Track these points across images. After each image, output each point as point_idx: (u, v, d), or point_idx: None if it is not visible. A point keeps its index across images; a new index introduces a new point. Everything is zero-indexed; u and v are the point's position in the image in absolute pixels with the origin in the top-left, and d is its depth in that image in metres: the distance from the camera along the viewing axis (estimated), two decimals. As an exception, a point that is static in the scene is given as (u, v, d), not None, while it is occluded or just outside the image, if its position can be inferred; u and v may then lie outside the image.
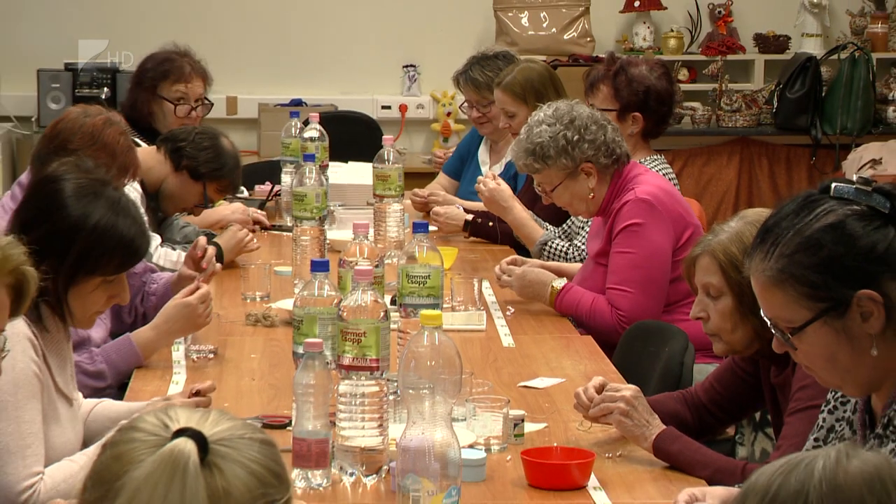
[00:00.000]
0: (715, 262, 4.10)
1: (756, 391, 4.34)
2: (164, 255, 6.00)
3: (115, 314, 5.24)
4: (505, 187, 6.67)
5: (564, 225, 6.70)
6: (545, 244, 6.46)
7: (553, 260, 6.37)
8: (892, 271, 3.13)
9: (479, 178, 6.80)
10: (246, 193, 7.26)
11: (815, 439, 3.50)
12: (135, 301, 5.36)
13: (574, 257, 6.36)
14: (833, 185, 3.20)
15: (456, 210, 7.06)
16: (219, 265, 5.34)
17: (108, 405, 4.34)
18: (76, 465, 3.77)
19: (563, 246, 6.43)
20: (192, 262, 5.33)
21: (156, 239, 5.97)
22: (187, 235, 6.28)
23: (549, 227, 6.69)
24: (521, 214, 6.60)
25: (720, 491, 3.43)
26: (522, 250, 6.60)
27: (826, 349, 3.17)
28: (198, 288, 4.97)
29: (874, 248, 3.13)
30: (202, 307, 4.90)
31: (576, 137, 5.61)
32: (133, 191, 5.44)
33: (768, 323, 3.25)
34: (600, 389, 4.13)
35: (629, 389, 4.13)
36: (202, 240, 5.41)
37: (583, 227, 6.43)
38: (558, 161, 5.62)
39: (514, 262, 5.92)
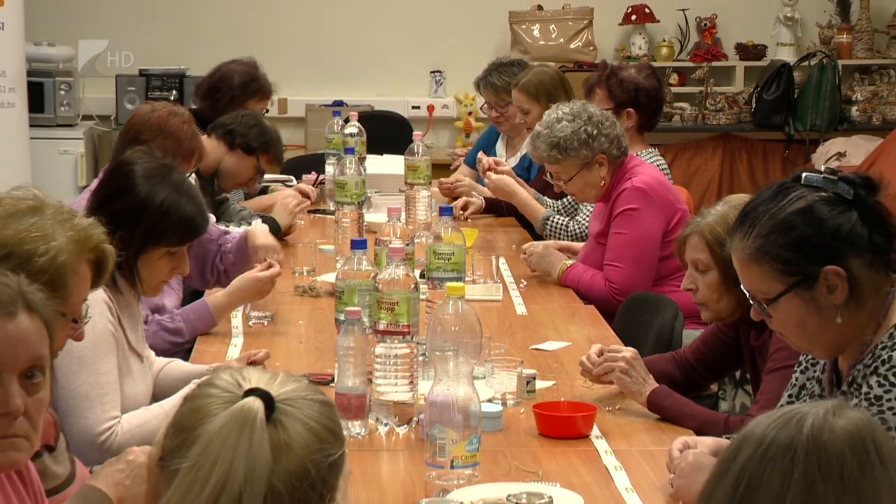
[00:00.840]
0: (703, 240, 4.11)
1: (737, 353, 4.34)
2: None
3: (200, 273, 5.29)
4: (506, 176, 6.71)
5: (565, 200, 6.71)
6: (547, 219, 6.48)
7: (555, 234, 6.41)
8: (854, 250, 3.14)
9: (483, 161, 6.86)
10: (295, 182, 7.24)
11: (789, 396, 3.50)
12: (215, 261, 5.39)
13: (575, 231, 6.38)
14: (804, 174, 3.23)
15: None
16: (279, 256, 5.33)
17: (176, 365, 4.36)
18: (150, 414, 3.80)
19: (563, 221, 6.45)
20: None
21: (211, 219, 5.98)
22: (244, 218, 6.27)
23: (548, 201, 6.72)
24: (524, 196, 6.63)
25: (709, 440, 3.42)
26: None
27: (797, 317, 3.19)
28: (270, 266, 4.99)
29: (839, 229, 3.15)
30: (269, 284, 4.93)
31: (595, 132, 5.61)
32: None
33: (747, 294, 3.27)
34: (600, 354, 4.15)
35: (628, 351, 4.14)
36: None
37: (585, 205, 6.42)
38: (580, 152, 5.61)
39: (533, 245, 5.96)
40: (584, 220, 6.39)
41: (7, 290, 2.44)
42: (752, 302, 3.27)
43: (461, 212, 6.86)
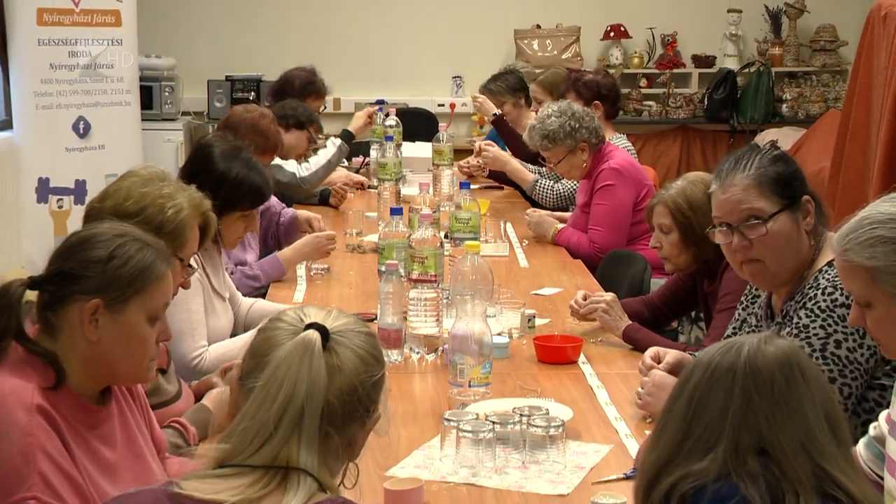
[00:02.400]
0: (666, 209, 4.10)
1: (693, 297, 4.35)
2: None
3: (263, 240, 5.33)
4: (498, 150, 6.76)
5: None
6: (535, 182, 6.53)
7: (544, 194, 6.49)
8: (812, 195, 3.22)
9: (477, 144, 6.99)
10: (346, 163, 7.23)
11: (733, 328, 3.50)
12: (272, 229, 5.47)
13: (560, 192, 6.45)
14: (756, 145, 3.33)
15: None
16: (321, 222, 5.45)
17: (261, 304, 4.39)
18: (231, 344, 3.80)
19: (549, 184, 6.50)
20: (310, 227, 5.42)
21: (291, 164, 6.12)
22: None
23: (533, 168, 6.74)
24: (514, 165, 6.66)
25: (674, 352, 3.41)
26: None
27: (787, 234, 3.17)
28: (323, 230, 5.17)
29: (801, 176, 3.24)
30: (327, 243, 4.98)
31: (577, 125, 5.64)
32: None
33: (745, 225, 3.18)
34: (585, 298, 4.15)
35: (608, 296, 4.16)
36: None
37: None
38: (565, 142, 5.65)
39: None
40: (564, 188, 6.45)
41: (161, 247, 2.52)
42: (742, 230, 3.18)
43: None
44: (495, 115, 7.09)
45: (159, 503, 1.88)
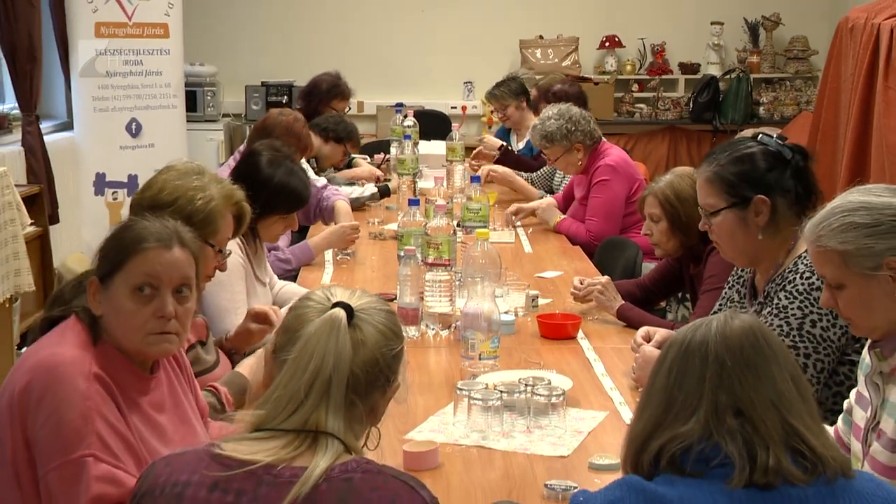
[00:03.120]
0: (656, 199, 4.11)
1: (680, 279, 4.34)
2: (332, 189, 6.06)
3: (306, 214, 5.38)
4: (504, 169, 6.66)
5: (541, 171, 6.72)
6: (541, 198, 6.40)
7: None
8: (781, 192, 3.16)
9: (484, 169, 6.75)
10: (369, 159, 7.23)
11: (720, 305, 3.50)
12: (315, 209, 5.52)
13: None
14: (760, 135, 3.26)
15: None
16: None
17: (289, 287, 4.37)
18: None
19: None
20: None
21: (321, 180, 6.08)
22: (339, 183, 6.37)
23: (524, 175, 6.70)
24: (520, 182, 6.57)
25: (663, 330, 3.41)
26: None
27: (729, 229, 3.21)
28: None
29: (773, 174, 3.17)
30: (352, 233, 5.03)
31: (573, 128, 5.66)
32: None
33: (701, 212, 3.29)
34: (582, 282, 4.13)
35: (603, 278, 4.15)
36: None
37: (560, 175, 6.48)
38: (562, 142, 5.67)
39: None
40: (558, 185, 6.44)
41: (166, 230, 2.45)
42: (703, 217, 3.28)
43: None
44: (500, 147, 6.97)
45: (202, 462, 1.88)
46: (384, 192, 6.17)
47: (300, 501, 1.80)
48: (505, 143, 7.03)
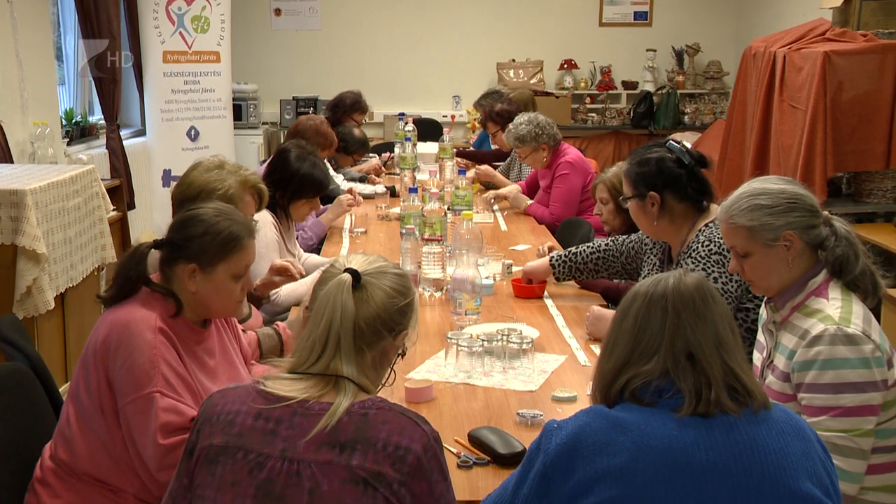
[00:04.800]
0: (605, 186, 4.12)
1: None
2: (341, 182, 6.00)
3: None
4: (486, 167, 6.47)
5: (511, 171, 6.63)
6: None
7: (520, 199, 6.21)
8: (672, 189, 3.20)
9: (473, 170, 6.67)
10: (376, 157, 7.18)
11: (648, 272, 3.46)
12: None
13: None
14: (670, 141, 3.29)
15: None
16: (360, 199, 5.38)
17: (311, 258, 4.35)
18: (297, 285, 3.70)
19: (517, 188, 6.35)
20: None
21: (339, 176, 6.01)
22: (353, 178, 6.32)
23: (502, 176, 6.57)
24: (500, 178, 6.35)
25: (609, 312, 3.40)
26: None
27: (634, 214, 3.30)
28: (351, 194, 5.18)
29: (669, 175, 3.21)
30: (346, 203, 5.04)
31: (540, 132, 5.62)
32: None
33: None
34: (550, 250, 4.11)
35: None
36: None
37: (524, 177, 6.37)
38: (531, 143, 5.63)
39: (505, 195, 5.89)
40: (516, 176, 6.36)
41: (247, 225, 2.47)
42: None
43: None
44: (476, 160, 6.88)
45: (250, 395, 1.87)
46: (392, 193, 6.11)
47: (328, 430, 1.79)
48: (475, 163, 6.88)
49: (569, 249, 3.86)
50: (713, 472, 1.74)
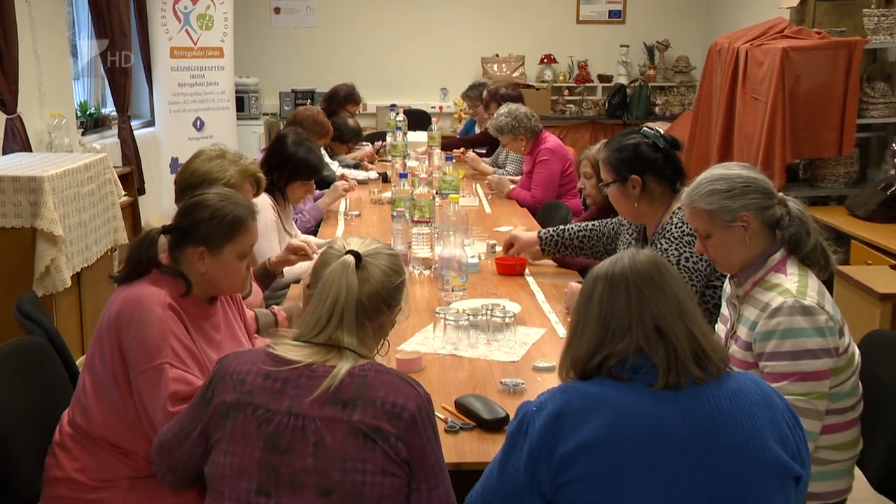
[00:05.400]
0: (588, 162, 4.15)
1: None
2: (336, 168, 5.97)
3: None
4: (473, 154, 6.52)
5: (495, 156, 6.64)
6: (494, 172, 6.32)
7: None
8: (652, 171, 3.17)
9: (459, 153, 6.67)
10: (369, 145, 7.14)
11: (625, 248, 3.46)
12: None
13: (507, 172, 6.28)
14: (644, 128, 3.27)
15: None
16: (353, 182, 5.37)
17: (310, 239, 4.28)
18: (298, 264, 3.69)
19: (501, 172, 6.29)
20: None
21: (334, 164, 5.98)
22: (348, 165, 6.29)
23: (489, 160, 6.59)
24: (484, 166, 6.40)
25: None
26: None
27: (615, 197, 3.25)
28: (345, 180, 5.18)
29: (647, 159, 3.18)
30: (342, 188, 5.05)
31: (517, 124, 5.61)
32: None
33: (601, 184, 3.34)
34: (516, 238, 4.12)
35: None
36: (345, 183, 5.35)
37: (510, 162, 6.35)
38: (510, 133, 5.63)
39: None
40: (511, 169, 6.29)
41: (249, 208, 2.45)
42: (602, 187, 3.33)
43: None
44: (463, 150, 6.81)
45: (260, 357, 1.91)
46: (384, 178, 6.09)
47: (332, 390, 1.82)
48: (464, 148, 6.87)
49: (558, 226, 3.86)
50: (687, 444, 1.72)
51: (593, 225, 3.73)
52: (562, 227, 3.82)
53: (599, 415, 1.74)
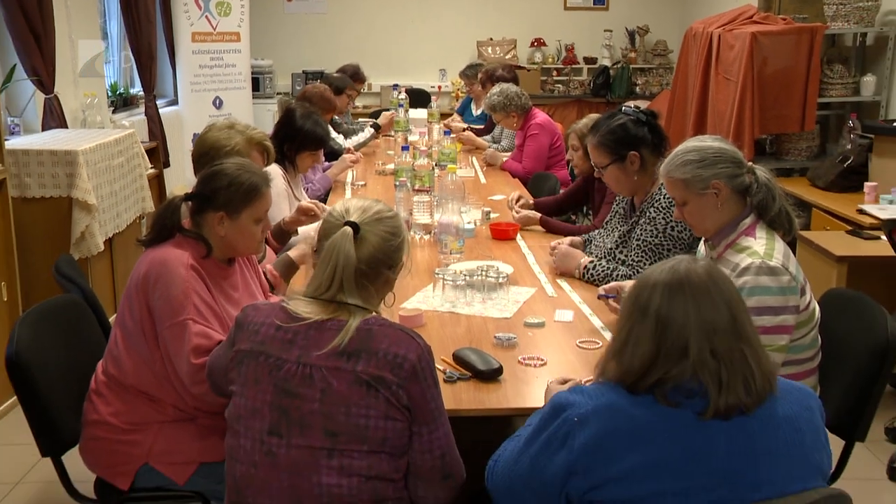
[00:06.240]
0: (576, 134, 4.12)
1: (583, 199, 4.31)
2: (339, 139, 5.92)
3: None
4: (470, 133, 6.44)
5: (492, 134, 6.58)
6: (490, 147, 6.24)
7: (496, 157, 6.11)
8: (644, 145, 3.10)
9: (454, 125, 6.59)
10: (375, 121, 7.10)
11: (612, 213, 3.44)
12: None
13: (503, 147, 6.24)
14: (623, 107, 3.20)
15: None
16: (359, 154, 5.32)
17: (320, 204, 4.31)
18: (308, 227, 3.68)
19: (496, 146, 6.25)
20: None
21: (339, 137, 5.93)
22: (356, 129, 6.26)
23: (487, 137, 6.53)
24: (480, 142, 6.33)
25: (568, 238, 3.38)
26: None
27: (615, 176, 3.15)
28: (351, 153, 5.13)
29: (636, 135, 3.11)
30: (350, 160, 5.02)
31: (508, 102, 5.56)
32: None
33: (594, 166, 3.24)
34: (518, 199, 4.08)
35: (530, 199, 4.09)
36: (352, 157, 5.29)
37: (505, 137, 6.32)
38: (501, 111, 5.59)
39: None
40: (506, 145, 6.26)
41: (264, 175, 2.43)
42: (595, 168, 3.24)
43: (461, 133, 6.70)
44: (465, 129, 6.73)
45: (275, 311, 1.90)
46: (376, 127, 6.06)
47: (344, 345, 1.80)
48: (468, 125, 6.79)
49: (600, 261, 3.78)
50: (729, 478, 1.53)
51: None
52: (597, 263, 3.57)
53: (644, 446, 1.53)
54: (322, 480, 1.77)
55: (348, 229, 1.89)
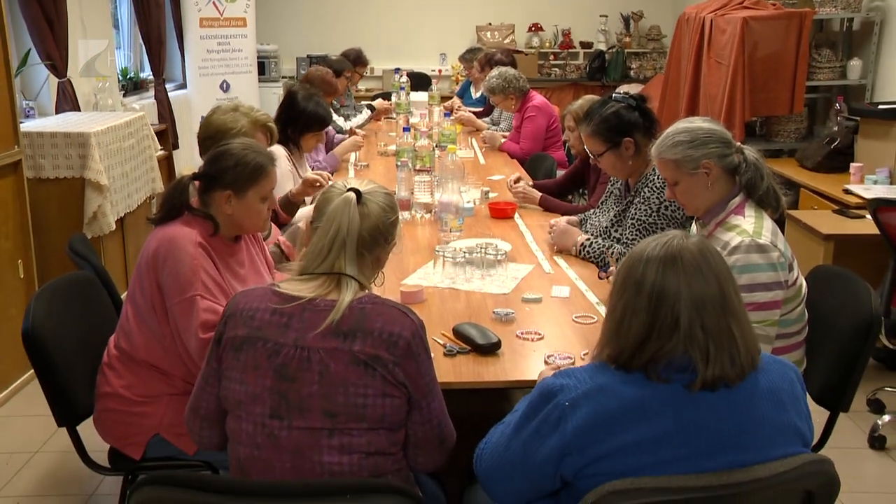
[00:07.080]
0: (572, 115, 4.12)
1: (581, 180, 4.28)
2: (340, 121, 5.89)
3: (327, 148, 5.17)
4: (469, 114, 6.41)
5: (492, 116, 6.54)
6: (488, 128, 6.23)
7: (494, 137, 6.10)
8: (637, 129, 3.08)
9: (457, 107, 6.59)
10: (370, 103, 7.07)
11: (607, 193, 3.43)
12: (331, 144, 5.29)
13: (501, 128, 6.20)
14: (614, 95, 3.16)
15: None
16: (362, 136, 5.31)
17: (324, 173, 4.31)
18: (304, 211, 3.66)
19: (495, 128, 6.22)
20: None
21: (340, 119, 5.91)
22: (356, 109, 6.23)
23: (487, 120, 6.50)
24: (479, 123, 6.34)
25: (564, 217, 3.37)
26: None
27: (612, 162, 3.13)
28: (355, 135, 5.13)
29: (630, 121, 3.08)
30: (359, 142, 5.01)
31: (507, 85, 5.56)
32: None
33: (589, 153, 3.21)
34: (517, 180, 4.06)
35: (530, 181, 4.07)
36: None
37: (504, 119, 6.28)
38: (500, 94, 5.57)
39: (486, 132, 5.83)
40: (503, 127, 6.23)
41: (269, 155, 2.42)
42: (591, 155, 3.21)
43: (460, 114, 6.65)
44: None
45: (267, 295, 1.85)
46: (372, 109, 6.05)
47: (335, 324, 1.77)
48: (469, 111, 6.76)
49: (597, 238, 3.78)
50: (718, 447, 1.52)
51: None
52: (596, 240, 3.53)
53: (637, 423, 1.51)
54: (323, 459, 1.76)
55: (352, 195, 1.87)
